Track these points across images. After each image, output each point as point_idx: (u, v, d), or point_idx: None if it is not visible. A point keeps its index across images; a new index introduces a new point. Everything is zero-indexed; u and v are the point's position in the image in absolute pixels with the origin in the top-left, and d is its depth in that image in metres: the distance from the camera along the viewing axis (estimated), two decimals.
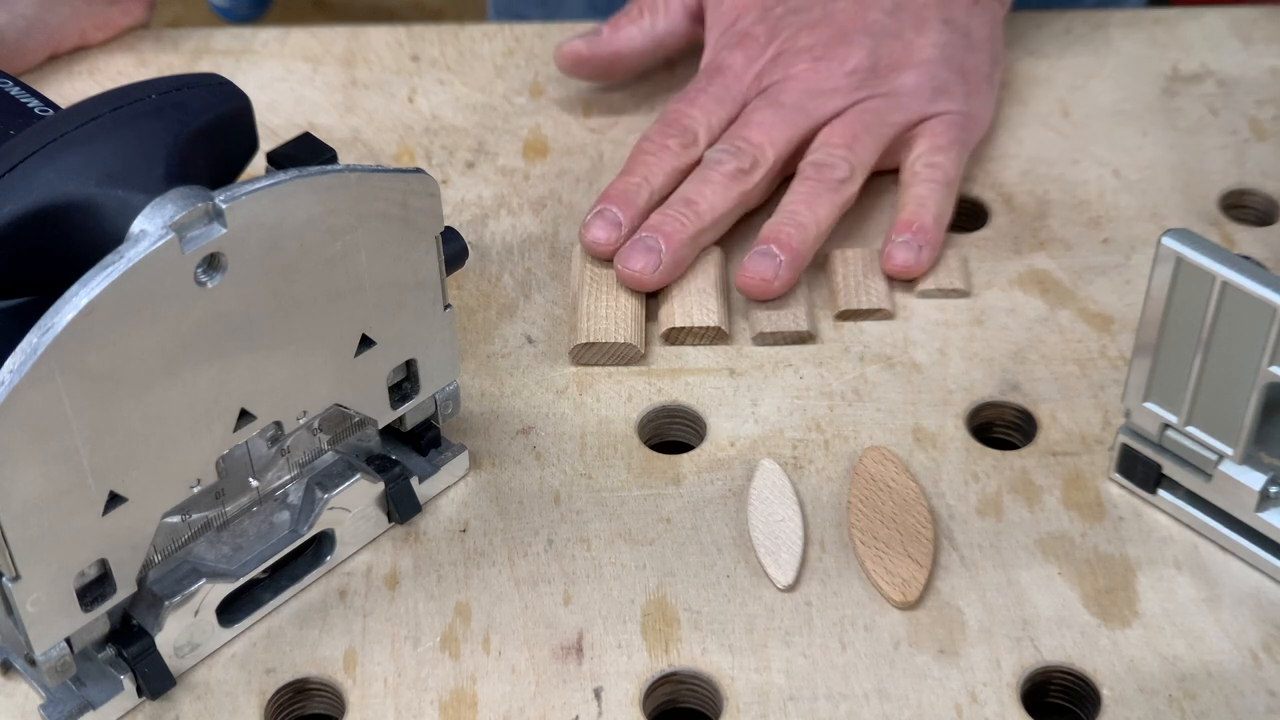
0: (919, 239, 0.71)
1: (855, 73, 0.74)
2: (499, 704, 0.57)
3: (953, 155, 0.74)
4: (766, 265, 0.69)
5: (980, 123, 0.77)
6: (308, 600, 0.60)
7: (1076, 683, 0.58)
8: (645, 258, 0.69)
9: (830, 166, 0.72)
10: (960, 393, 0.67)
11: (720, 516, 0.63)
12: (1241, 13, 0.86)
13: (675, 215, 0.70)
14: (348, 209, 0.54)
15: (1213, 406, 0.58)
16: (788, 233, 0.70)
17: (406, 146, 0.79)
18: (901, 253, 0.71)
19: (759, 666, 0.58)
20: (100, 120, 0.54)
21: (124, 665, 0.56)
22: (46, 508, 0.50)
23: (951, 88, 0.75)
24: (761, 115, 0.74)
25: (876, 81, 0.75)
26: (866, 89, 0.74)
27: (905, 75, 0.75)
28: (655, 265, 0.69)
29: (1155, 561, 0.61)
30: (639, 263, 0.69)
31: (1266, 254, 0.73)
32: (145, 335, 0.50)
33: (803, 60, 0.75)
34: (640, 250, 0.70)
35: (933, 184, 0.73)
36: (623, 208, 0.71)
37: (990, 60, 0.78)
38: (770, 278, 0.69)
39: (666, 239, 0.70)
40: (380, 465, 0.61)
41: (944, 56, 0.76)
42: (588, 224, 0.71)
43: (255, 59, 0.84)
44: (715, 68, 0.76)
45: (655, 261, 0.69)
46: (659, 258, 0.69)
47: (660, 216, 0.71)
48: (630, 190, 0.72)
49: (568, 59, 0.80)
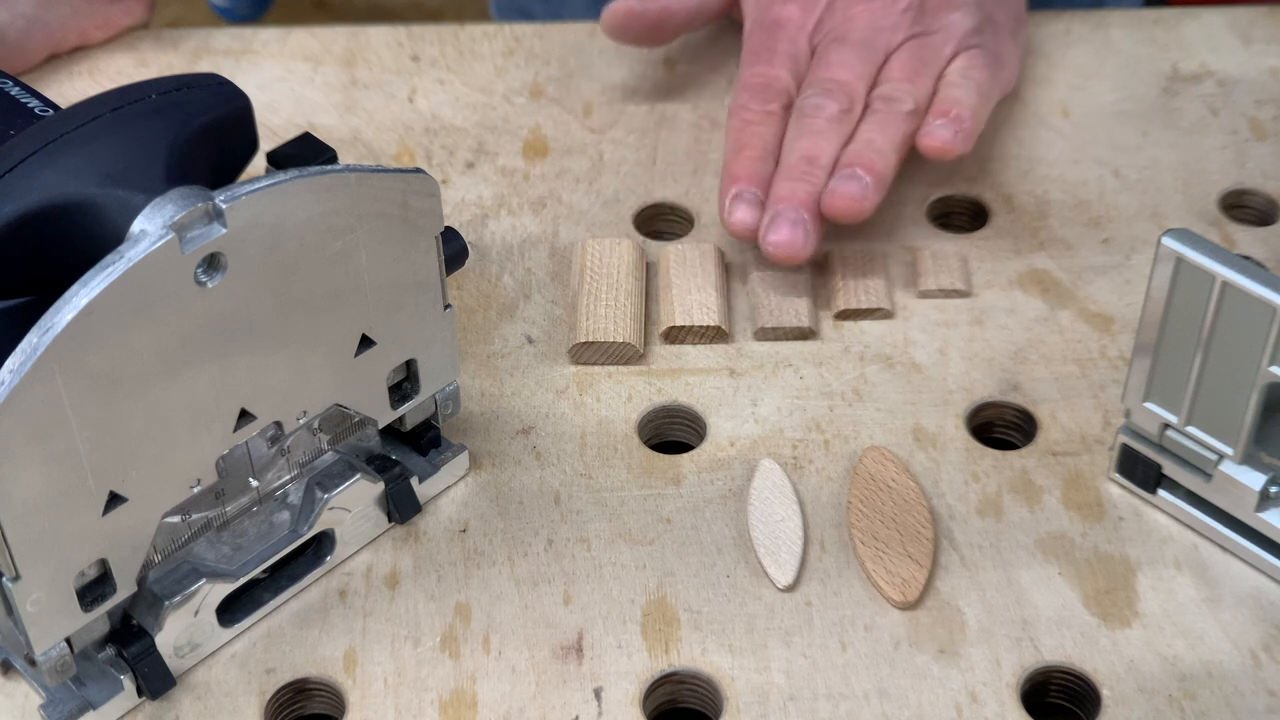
0: (955, 124, 0.72)
1: (909, 10, 0.76)
2: (499, 704, 0.57)
3: (985, 75, 0.75)
4: (854, 186, 0.69)
5: (1005, 67, 0.78)
6: (308, 600, 0.60)
7: (1076, 683, 0.58)
8: (793, 231, 0.69)
9: (898, 100, 0.73)
10: (960, 393, 0.67)
11: (720, 516, 0.63)
12: (1241, 13, 0.86)
13: (803, 177, 0.70)
14: (348, 209, 0.54)
15: (1213, 406, 0.58)
16: (869, 157, 0.70)
17: (406, 146, 0.79)
18: (941, 131, 0.72)
19: (759, 666, 0.58)
20: (100, 120, 0.54)
21: (124, 665, 0.56)
22: (46, 508, 0.50)
23: (984, 29, 0.77)
24: (839, 55, 0.74)
25: (927, 19, 0.76)
26: (920, 25, 0.76)
27: (952, 14, 0.76)
28: (804, 237, 0.69)
29: (1155, 561, 0.61)
30: (787, 236, 0.69)
31: (1266, 254, 0.73)
32: (145, 335, 0.50)
33: (858, 2, 0.76)
34: (785, 225, 0.69)
35: (967, 89, 0.74)
36: (757, 184, 0.71)
37: (1014, 18, 0.80)
38: (859, 198, 0.69)
39: (807, 207, 0.69)
40: (380, 465, 0.61)
41: (978, 1, 0.77)
42: (731, 209, 0.70)
43: (255, 59, 0.84)
44: (771, 22, 0.77)
45: (803, 233, 0.69)
46: (805, 228, 0.69)
47: (789, 184, 0.70)
48: (755, 164, 0.72)
49: (617, 16, 0.79)
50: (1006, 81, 0.78)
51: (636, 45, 0.81)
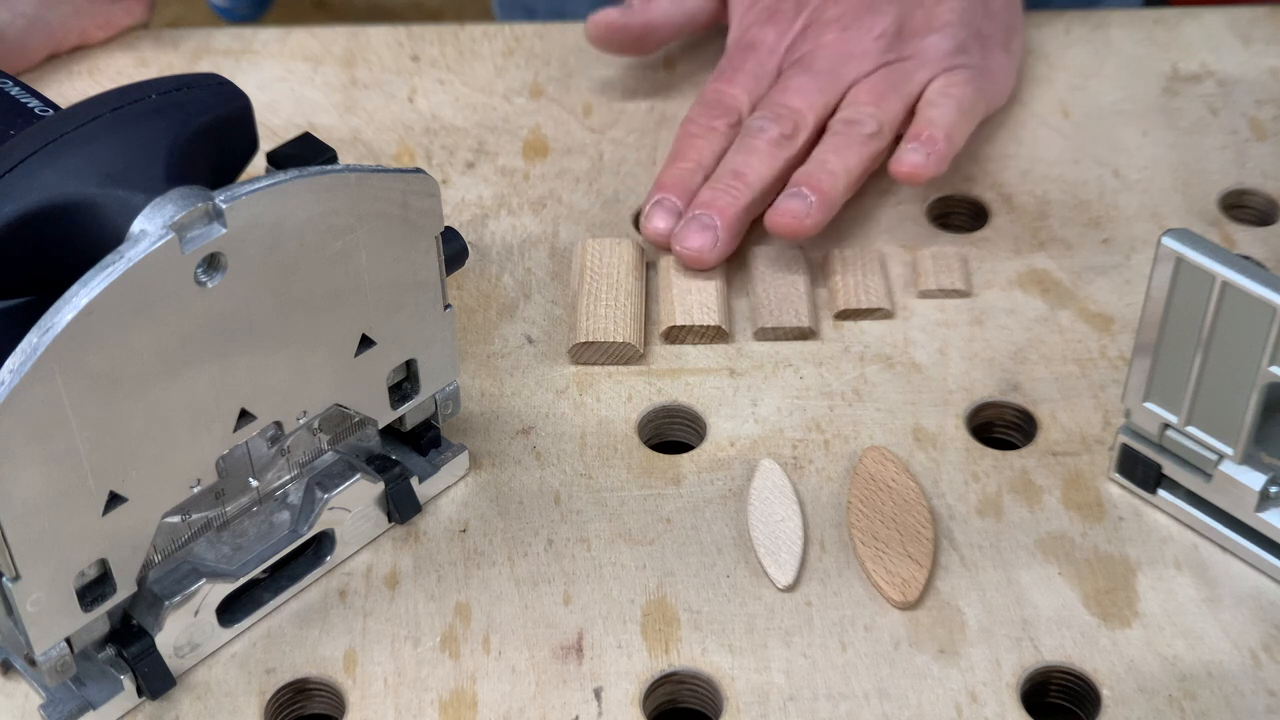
0: (928, 146, 0.72)
1: (882, 37, 0.76)
2: (499, 704, 0.57)
3: (968, 91, 0.75)
4: (798, 204, 0.70)
5: (995, 81, 0.78)
6: (308, 600, 0.60)
7: (1076, 683, 0.58)
8: (702, 236, 0.70)
9: (859, 123, 0.73)
10: (960, 393, 0.67)
11: (720, 516, 0.63)
12: (1241, 13, 0.86)
13: (726, 189, 0.71)
14: (348, 209, 0.54)
15: (1213, 406, 0.58)
16: (818, 177, 0.71)
17: (406, 146, 0.79)
18: (911, 156, 0.72)
19: (759, 666, 0.58)
20: (100, 120, 0.54)
21: (124, 665, 0.56)
22: (46, 508, 0.50)
23: (969, 47, 0.77)
24: (798, 82, 0.75)
25: (902, 45, 0.76)
26: (893, 52, 0.76)
27: (929, 38, 0.76)
28: (712, 242, 0.70)
29: (1155, 561, 0.61)
30: (696, 241, 0.70)
31: (1266, 254, 0.73)
32: (145, 335, 0.50)
33: (831, 30, 0.76)
34: (696, 229, 0.70)
35: (945, 107, 0.74)
36: (680, 195, 0.72)
37: (1005, 29, 0.79)
38: (801, 215, 0.70)
39: (721, 214, 0.70)
40: (380, 465, 0.61)
41: (962, 20, 0.77)
42: (648, 215, 0.72)
43: (255, 59, 0.84)
44: (747, 44, 0.77)
45: (712, 238, 0.70)
46: (715, 234, 0.70)
47: (711, 192, 0.71)
48: (685, 176, 0.72)
49: (600, 28, 0.79)
50: (996, 95, 0.78)
51: (620, 55, 0.81)
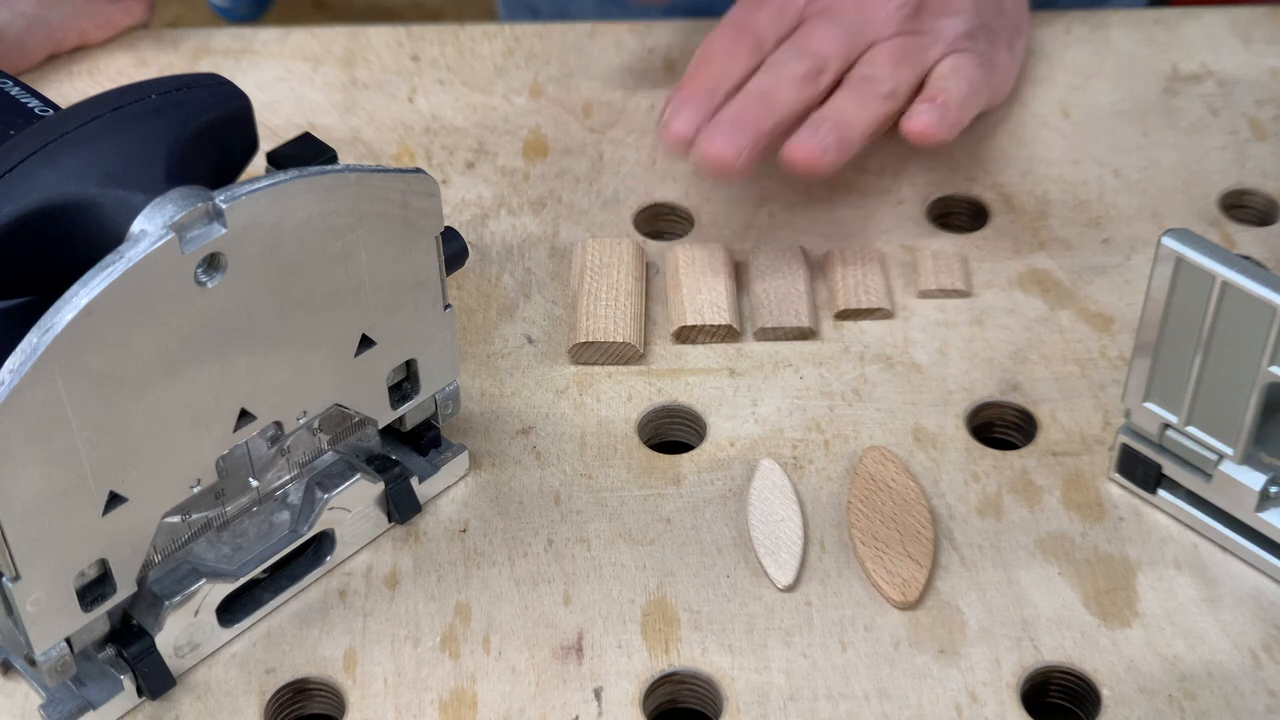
0: (941, 110, 0.71)
1: (904, 7, 0.75)
2: (499, 704, 0.57)
3: (977, 74, 0.74)
4: (818, 141, 0.68)
5: (997, 74, 0.78)
6: (308, 600, 0.60)
7: (1076, 683, 0.58)
8: (731, 140, 0.66)
9: (877, 80, 0.72)
10: (960, 393, 0.67)
11: (720, 516, 0.63)
12: (1241, 13, 0.86)
13: (755, 103, 0.68)
14: (348, 209, 0.54)
15: (1213, 406, 0.58)
16: (839, 118, 0.69)
17: (406, 146, 0.79)
18: (925, 116, 0.71)
19: (759, 666, 0.58)
20: (100, 120, 0.54)
21: (124, 665, 0.56)
22: (46, 508, 0.50)
23: (978, 35, 0.77)
24: (823, 28, 0.74)
25: (920, 19, 0.76)
26: (911, 24, 0.75)
27: (945, 20, 0.76)
28: (738, 150, 0.66)
29: (1155, 561, 0.61)
30: (723, 145, 0.66)
31: (1266, 254, 0.73)
32: (145, 335, 0.50)
33: None
34: (726, 131, 0.66)
35: (957, 80, 0.73)
36: (708, 101, 0.68)
37: (1011, 28, 0.79)
38: (821, 153, 0.67)
39: (751, 125, 0.67)
40: (380, 465, 0.61)
41: (975, 9, 0.77)
42: (670, 116, 0.68)
43: (255, 59, 0.84)
44: None
45: (738, 147, 0.66)
46: (742, 144, 0.66)
47: (737, 108, 0.68)
48: (708, 88, 0.69)
49: None
50: (998, 88, 0.78)
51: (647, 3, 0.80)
